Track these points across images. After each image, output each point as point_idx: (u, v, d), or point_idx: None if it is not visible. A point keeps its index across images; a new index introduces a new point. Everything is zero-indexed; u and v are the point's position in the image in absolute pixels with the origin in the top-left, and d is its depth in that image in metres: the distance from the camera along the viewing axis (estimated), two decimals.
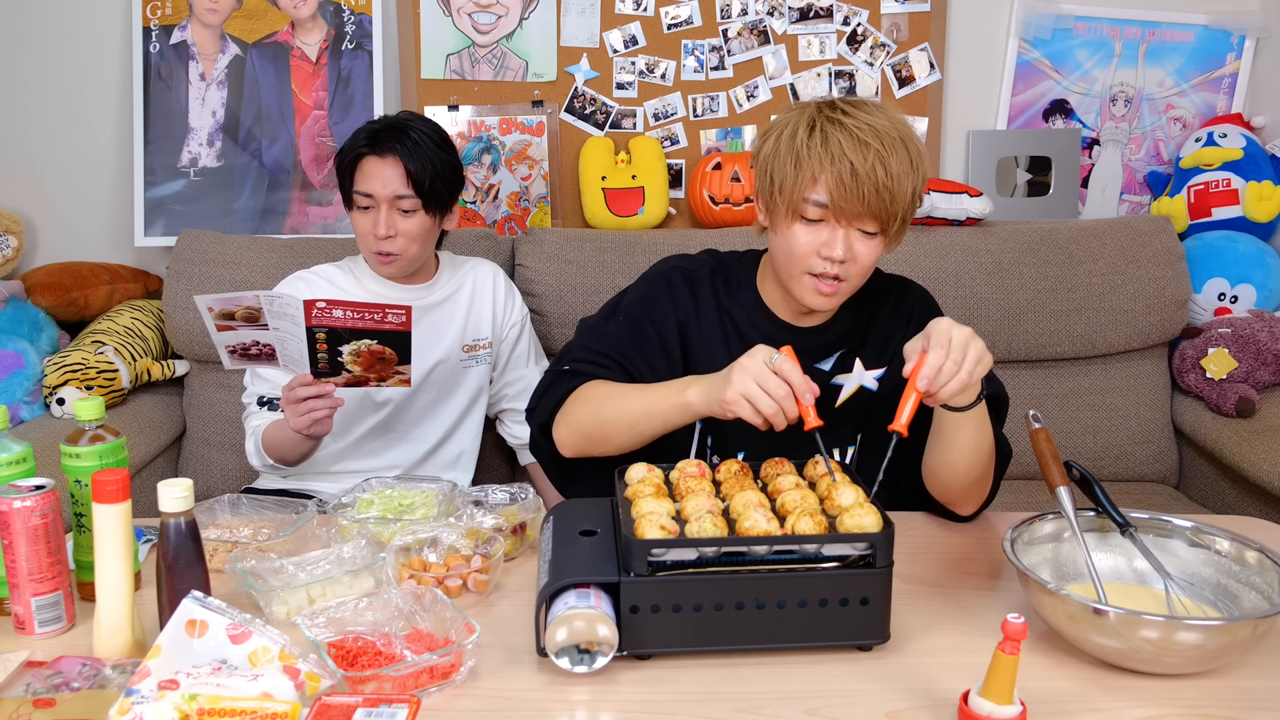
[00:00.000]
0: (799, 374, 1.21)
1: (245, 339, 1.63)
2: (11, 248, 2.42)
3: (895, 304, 1.52)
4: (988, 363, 1.21)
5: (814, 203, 1.34)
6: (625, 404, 1.36)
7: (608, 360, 1.46)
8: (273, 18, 2.49)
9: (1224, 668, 1.07)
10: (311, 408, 1.63)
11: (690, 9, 2.54)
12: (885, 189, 1.31)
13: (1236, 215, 2.51)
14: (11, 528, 1.11)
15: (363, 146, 1.83)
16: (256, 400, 1.91)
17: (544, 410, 1.46)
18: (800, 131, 1.35)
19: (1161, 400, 2.44)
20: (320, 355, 1.59)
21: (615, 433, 1.37)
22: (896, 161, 1.31)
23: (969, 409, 1.27)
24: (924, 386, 1.18)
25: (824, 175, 1.32)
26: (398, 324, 1.58)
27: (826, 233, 1.35)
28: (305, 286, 1.93)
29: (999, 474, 1.42)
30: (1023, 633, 0.92)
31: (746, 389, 1.21)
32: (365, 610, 1.09)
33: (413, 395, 1.96)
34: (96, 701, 0.97)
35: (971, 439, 1.31)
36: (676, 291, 1.51)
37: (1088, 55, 2.64)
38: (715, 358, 1.48)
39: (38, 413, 2.17)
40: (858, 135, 1.31)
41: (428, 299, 1.96)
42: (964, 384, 1.18)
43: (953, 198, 2.37)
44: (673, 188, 2.59)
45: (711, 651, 1.09)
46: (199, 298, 1.58)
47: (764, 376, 1.20)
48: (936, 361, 1.18)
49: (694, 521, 1.09)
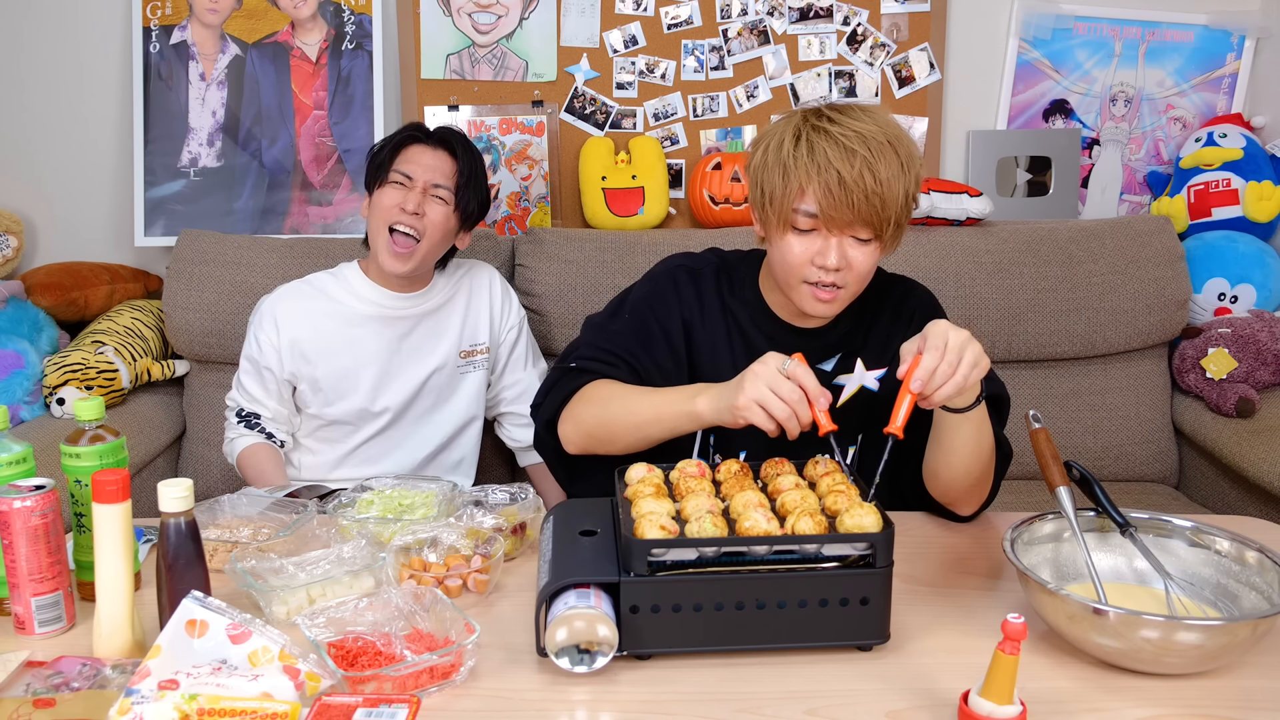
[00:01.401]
0: (813, 379, 1.20)
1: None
2: (11, 248, 2.42)
3: (897, 305, 1.51)
4: (984, 365, 1.20)
5: (804, 213, 1.34)
6: (633, 407, 1.36)
7: (614, 359, 1.46)
8: (273, 18, 2.49)
9: (1224, 668, 1.07)
10: None
11: (690, 9, 2.54)
12: (875, 195, 1.30)
13: (1236, 215, 2.51)
14: (11, 528, 1.11)
15: (415, 132, 1.88)
16: (236, 412, 1.94)
17: (549, 407, 1.46)
18: (786, 142, 1.34)
19: (1161, 400, 2.44)
20: None
21: (621, 434, 1.37)
22: (885, 166, 1.30)
23: (968, 411, 1.27)
24: (918, 388, 1.17)
25: (811, 186, 1.31)
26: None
27: (819, 242, 1.35)
28: (298, 301, 1.92)
29: (999, 474, 1.42)
30: (1023, 633, 0.92)
31: (760, 395, 1.20)
32: (365, 610, 1.09)
33: (410, 403, 1.96)
34: (96, 701, 0.97)
35: (971, 440, 1.31)
36: (681, 289, 1.51)
37: (1088, 55, 2.64)
38: (719, 356, 1.48)
39: (38, 413, 2.17)
40: (844, 143, 1.30)
41: (423, 306, 1.96)
42: (959, 387, 1.17)
43: (953, 198, 2.37)
44: (673, 188, 2.59)
45: (711, 651, 1.09)
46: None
47: (777, 382, 1.20)
48: (931, 363, 1.17)
49: (694, 521, 1.09)
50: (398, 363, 1.94)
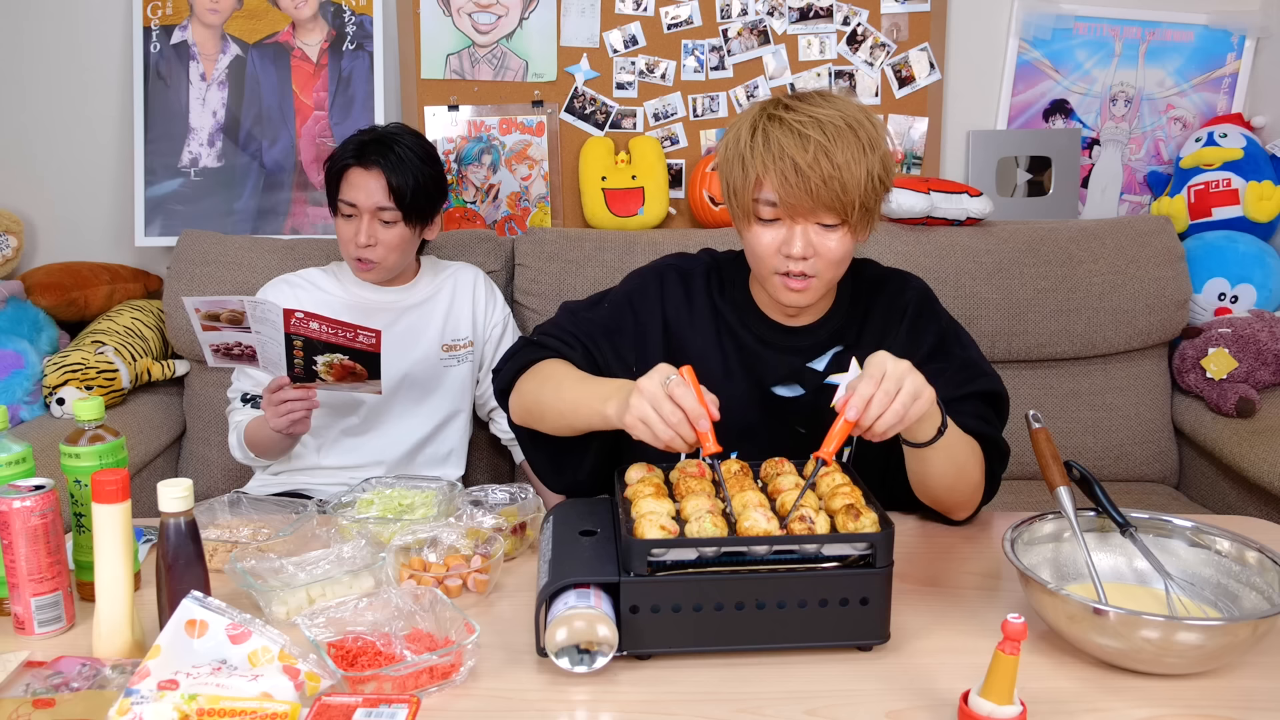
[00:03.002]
0: (692, 399, 1.15)
1: (229, 339, 1.71)
2: (11, 248, 2.42)
3: (890, 299, 1.48)
4: (927, 397, 1.14)
5: (765, 202, 1.33)
6: (561, 393, 1.35)
7: (574, 341, 1.46)
8: (273, 18, 2.49)
9: (1224, 668, 1.07)
10: (291, 409, 1.74)
11: (690, 9, 2.54)
12: (833, 180, 1.28)
13: (1237, 215, 2.51)
14: (11, 528, 1.11)
15: (349, 158, 1.89)
16: (240, 397, 1.98)
17: (505, 376, 1.47)
18: (744, 134, 1.34)
19: (1161, 400, 2.44)
20: (297, 361, 1.68)
21: (549, 417, 1.37)
22: (842, 150, 1.28)
23: (929, 445, 1.24)
24: (853, 417, 1.12)
25: (769, 175, 1.30)
26: (367, 345, 1.66)
27: (784, 231, 1.34)
28: (289, 289, 2.00)
29: (997, 473, 1.42)
30: (1023, 633, 0.92)
31: (643, 412, 1.16)
32: (365, 610, 1.09)
33: (393, 393, 2.01)
34: (96, 702, 0.97)
35: (943, 467, 1.29)
36: (668, 288, 1.50)
37: (1088, 55, 2.64)
38: (708, 355, 1.47)
39: (38, 413, 2.17)
40: (798, 130, 1.29)
41: (407, 301, 2.03)
42: (899, 416, 1.12)
43: (953, 198, 2.37)
44: (673, 188, 2.59)
45: (711, 651, 1.09)
46: (187, 299, 1.66)
47: (659, 400, 1.15)
48: (866, 392, 1.12)
49: (694, 521, 1.09)
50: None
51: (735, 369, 1.47)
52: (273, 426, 1.76)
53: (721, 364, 1.47)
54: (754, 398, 1.46)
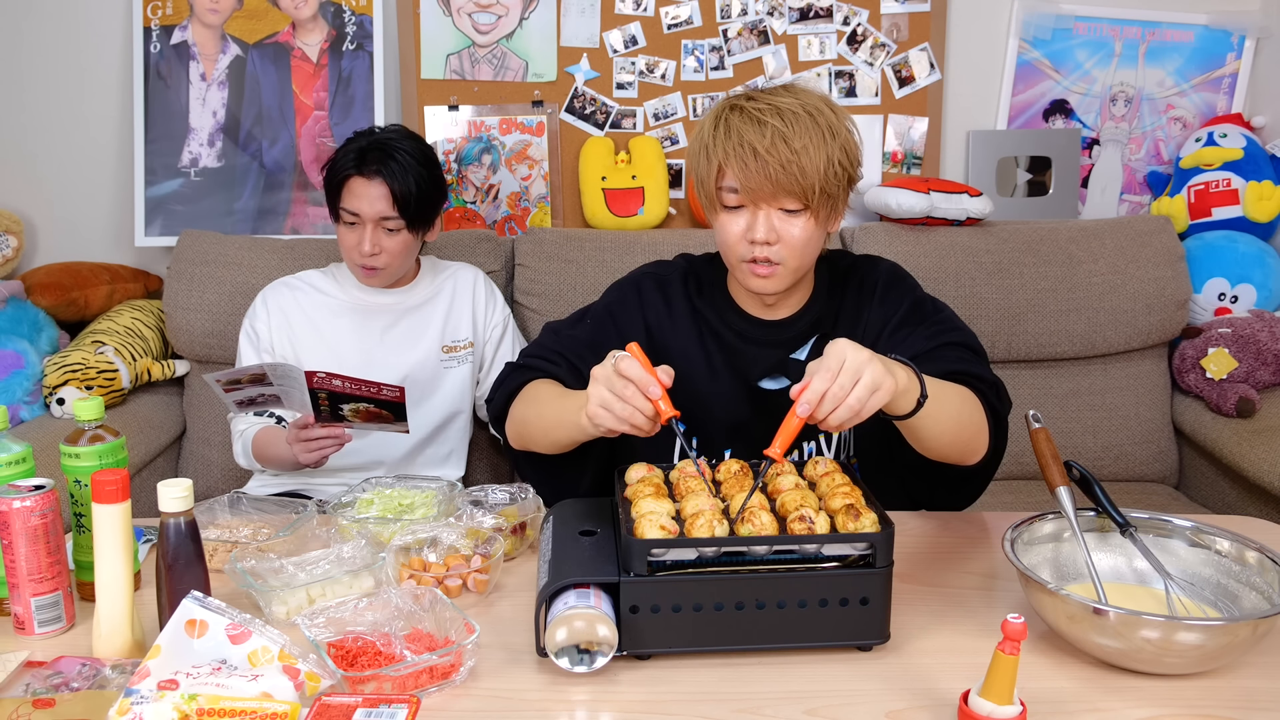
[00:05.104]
0: (638, 369, 1.15)
1: (253, 394, 1.70)
2: (11, 248, 2.42)
3: (861, 280, 1.51)
4: (886, 389, 1.10)
5: (727, 189, 1.36)
6: (544, 410, 1.36)
7: (559, 358, 1.47)
8: (273, 18, 2.49)
9: (1224, 668, 1.07)
10: (322, 446, 1.72)
11: (690, 9, 2.54)
12: (791, 164, 1.30)
13: (1237, 215, 2.51)
14: (11, 528, 1.11)
15: (350, 167, 1.87)
16: None
17: (497, 403, 1.48)
18: (707, 126, 1.38)
19: (1161, 400, 2.44)
20: (323, 409, 1.67)
21: (537, 438, 1.38)
22: (799, 135, 1.31)
23: (910, 416, 1.20)
24: (804, 413, 1.09)
25: (730, 162, 1.33)
26: (391, 397, 1.64)
27: (748, 217, 1.36)
28: (289, 292, 2.01)
29: (1001, 414, 1.36)
30: (1023, 633, 0.92)
31: (601, 398, 1.16)
32: (365, 610, 1.09)
33: None
34: (96, 702, 0.97)
35: (938, 428, 1.25)
36: (646, 296, 1.52)
37: (1088, 55, 2.64)
38: (692, 356, 1.49)
39: (38, 413, 2.17)
40: (757, 117, 1.32)
41: (407, 302, 2.03)
42: (853, 411, 1.08)
43: (953, 198, 2.37)
44: (673, 188, 2.59)
45: (711, 651, 1.09)
46: (206, 375, 1.65)
47: (610, 380, 1.16)
48: (821, 386, 1.08)
49: (694, 521, 1.09)
50: (380, 354, 2.00)
51: (720, 367, 1.49)
52: (303, 461, 1.74)
53: (705, 363, 1.48)
54: (741, 394, 1.48)
